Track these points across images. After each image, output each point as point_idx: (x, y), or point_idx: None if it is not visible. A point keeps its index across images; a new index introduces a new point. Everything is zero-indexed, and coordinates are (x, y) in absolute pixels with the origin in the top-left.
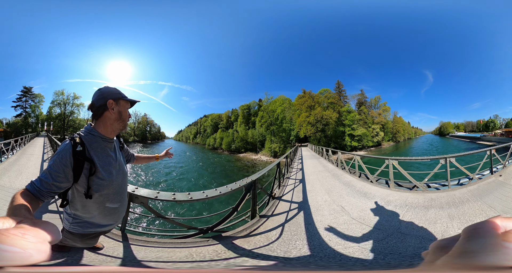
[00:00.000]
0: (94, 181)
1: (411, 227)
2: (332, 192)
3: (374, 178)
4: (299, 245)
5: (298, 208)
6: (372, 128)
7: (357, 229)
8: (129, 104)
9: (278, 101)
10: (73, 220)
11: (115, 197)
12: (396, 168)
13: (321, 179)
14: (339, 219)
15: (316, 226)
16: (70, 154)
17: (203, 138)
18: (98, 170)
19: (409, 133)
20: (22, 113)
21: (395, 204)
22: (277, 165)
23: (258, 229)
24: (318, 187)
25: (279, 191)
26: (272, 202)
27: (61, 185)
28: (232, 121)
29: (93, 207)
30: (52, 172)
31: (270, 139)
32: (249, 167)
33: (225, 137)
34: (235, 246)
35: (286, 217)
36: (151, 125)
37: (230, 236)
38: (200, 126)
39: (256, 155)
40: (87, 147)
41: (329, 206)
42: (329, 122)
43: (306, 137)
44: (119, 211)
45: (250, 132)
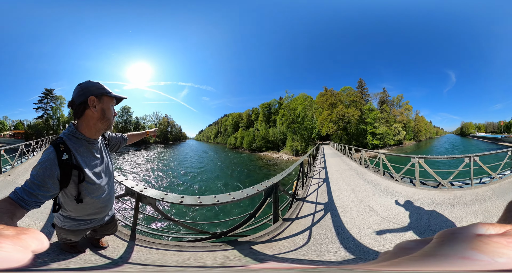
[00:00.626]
0: (83, 186)
1: (440, 224)
2: (357, 192)
3: (399, 176)
4: (333, 249)
5: (324, 209)
6: (394, 126)
7: (390, 228)
8: (114, 101)
9: (299, 99)
10: (65, 218)
11: (104, 196)
12: (422, 166)
13: (345, 178)
14: (369, 220)
15: (347, 228)
16: (55, 164)
17: (224, 138)
18: (87, 176)
19: (431, 132)
20: (43, 115)
21: (422, 202)
22: (300, 164)
23: (282, 233)
24: (343, 186)
25: (303, 191)
26: (296, 203)
27: (47, 194)
28: (253, 120)
29: (84, 208)
30: (36, 182)
31: (291, 137)
32: (270, 166)
33: (246, 136)
34: (254, 251)
35: (313, 220)
36: (172, 125)
37: (248, 241)
38: (220, 126)
39: (278, 154)
40: (73, 154)
41: (356, 206)
42: (351, 120)
43: (328, 135)
44: (107, 207)
45: (271, 130)
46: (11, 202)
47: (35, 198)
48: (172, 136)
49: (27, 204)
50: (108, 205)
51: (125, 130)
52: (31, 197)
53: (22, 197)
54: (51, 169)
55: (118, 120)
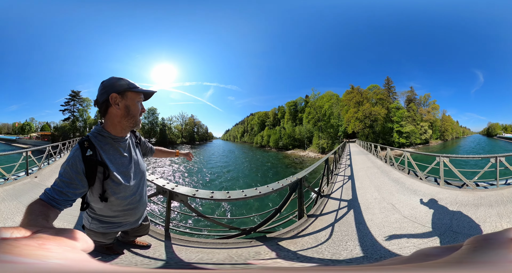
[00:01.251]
0: (109, 184)
1: (463, 226)
2: (381, 189)
3: (423, 175)
4: (350, 246)
5: (348, 206)
6: (421, 125)
7: (410, 227)
8: (141, 96)
9: (325, 96)
10: (93, 220)
11: (133, 198)
12: (447, 165)
13: (370, 176)
14: (390, 218)
15: (367, 226)
16: (80, 160)
17: (250, 137)
18: (113, 174)
19: (457, 132)
20: (70, 117)
21: (446, 202)
22: (325, 161)
23: (306, 229)
24: (367, 184)
25: (328, 188)
26: (321, 200)
27: (77, 191)
28: (279, 118)
29: (111, 208)
30: (64, 180)
31: (317, 135)
32: (297, 164)
33: (272, 135)
34: (281, 247)
35: (336, 216)
36: (198, 126)
37: (276, 237)
38: (247, 125)
39: (304, 152)
40: (98, 150)
41: (379, 204)
42: (378, 118)
43: (354, 133)
44: (137, 209)
45: (297, 128)
46: (43, 204)
47: (65, 196)
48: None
49: (59, 203)
50: (138, 207)
51: (151, 131)
52: (61, 196)
53: (53, 196)
54: (77, 165)
55: (144, 121)
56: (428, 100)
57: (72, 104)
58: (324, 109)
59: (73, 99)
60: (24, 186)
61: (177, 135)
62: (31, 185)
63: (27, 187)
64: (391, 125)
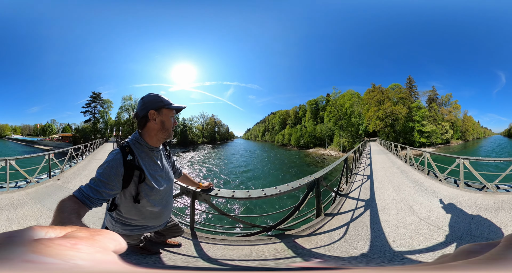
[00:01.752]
0: (142, 187)
1: (482, 229)
2: (400, 190)
3: (443, 176)
4: (360, 246)
5: (365, 206)
6: (442, 125)
7: (425, 230)
8: (173, 111)
9: (346, 95)
10: (116, 223)
11: (160, 202)
12: (467, 167)
13: (389, 176)
14: (406, 219)
15: (382, 226)
16: (121, 164)
17: (271, 135)
18: (147, 178)
19: (478, 132)
20: (91, 119)
21: (465, 205)
22: (344, 161)
23: (322, 228)
24: (386, 184)
25: (347, 187)
26: (339, 199)
27: (111, 192)
28: (300, 117)
29: (139, 211)
30: (102, 180)
31: (338, 134)
32: (318, 162)
33: (294, 133)
34: (296, 245)
35: (352, 216)
36: (219, 125)
37: (293, 235)
38: (268, 124)
39: (325, 150)
40: (136, 156)
41: (396, 204)
42: (399, 117)
43: (375, 132)
44: (163, 214)
45: (318, 127)
46: (76, 201)
47: (100, 195)
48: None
49: (92, 201)
50: (164, 212)
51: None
52: (96, 195)
53: (88, 194)
54: (117, 168)
55: None
56: (449, 100)
57: (93, 106)
58: (345, 108)
59: (94, 101)
60: (47, 189)
61: (198, 135)
62: (54, 188)
63: (50, 190)
64: (412, 124)
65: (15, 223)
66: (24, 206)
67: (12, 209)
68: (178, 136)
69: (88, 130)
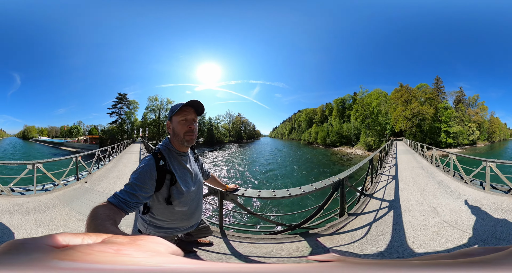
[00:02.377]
0: (174, 190)
1: (507, 232)
2: (424, 191)
3: (468, 178)
4: (378, 246)
5: (389, 207)
6: (468, 126)
7: (448, 232)
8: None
9: (373, 94)
10: (149, 225)
11: (191, 203)
12: (493, 170)
13: (415, 176)
14: (429, 221)
15: (404, 227)
16: (154, 168)
17: (298, 134)
18: (178, 181)
19: (505, 134)
20: (117, 120)
21: (490, 208)
22: (369, 161)
23: (345, 227)
24: (411, 185)
25: (371, 187)
26: (363, 199)
27: (146, 195)
28: (327, 115)
29: (171, 212)
30: (137, 184)
31: (365, 133)
32: (344, 161)
33: (320, 132)
34: (318, 243)
35: (375, 216)
36: (245, 124)
37: (316, 233)
38: (294, 122)
39: (351, 149)
40: (167, 161)
41: (420, 206)
42: (426, 117)
43: (402, 131)
44: (194, 214)
45: (344, 125)
46: (110, 207)
47: (136, 199)
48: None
49: (129, 206)
50: (195, 213)
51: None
52: (133, 198)
53: (125, 199)
54: (151, 172)
55: None
56: (476, 101)
57: (119, 107)
58: (372, 107)
59: (120, 102)
60: (74, 191)
61: (225, 134)
62: (81, 190)
63: (77, 192)
64: (439, 124)
65: (44, 226)
66: (52, 209)
67: (40, 212)
68: (204, 136)
69: (114, 131)
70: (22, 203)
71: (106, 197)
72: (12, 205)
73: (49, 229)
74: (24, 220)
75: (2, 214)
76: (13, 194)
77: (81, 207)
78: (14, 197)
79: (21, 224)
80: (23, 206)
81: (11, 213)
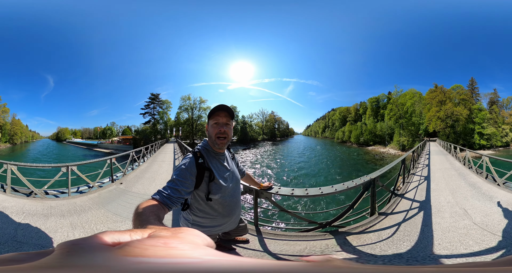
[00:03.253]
0: (213, 186)
1: None
2: (456, 193)
3: (501, 181)
4: (402, 246)
5: (419, 207)
6: (502, 128)
7: (477, 235)
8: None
9: (408, 94)
10: (192, 225)
11: (231, 200)
12: None
13: (447, 178)
14: (459, 223)
15: (432, 229)
16: (194, 165)
17: (331, 132)
18: (216, 178)
19: None
20: (151, 120)
21: None
22: (402, 161)
23: (374, 226)
24: (443, 186)
25: (403, 187)
26: (394, 199)
27: (188, 190)
28: (360, 114)
29: (212, 208)
30: (180, 180)
31: (398, 132)
32: (377, 160)
33: (354, 130)
34: (345, 242)
35: (405, 216)
36: (279, 122)
37: (345, 232)
38: (328, 120)
39: (385, 148)
40: (206, 159)
41: (451, 208)
42: (459, 119)
43: (435, 132)
44: (234, 211)
45: (378, 125)
46: (154, 203)
47: (179, 193)
48: (280, 133)
49: (173, 201)
50: (235, 209)
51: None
52: (176, 193)
53: (169, 194)
54: (191, 168)
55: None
56: (510, 102)
57: (152, 107)
58: (406, 107)
59: (153, 102)
60: (110, 193)
61: (258, 132)
62: (117, 191)
63: (113, 194)
64: (473, 126)
65: (79, 229)
66: (87, 211)
67: (75, 215)
68: (238, 134)
69: (148, 131)
70: (57, 206)
71: (141, 198)
72: (46, 208)
73: (85, 232)
74: (59, 223)
75: (37, 218)
76: (47, 197)
77: (117, 209)
78: (48, 200)
79: (56, 227)
80: (58, 208)
81: (46, 216)
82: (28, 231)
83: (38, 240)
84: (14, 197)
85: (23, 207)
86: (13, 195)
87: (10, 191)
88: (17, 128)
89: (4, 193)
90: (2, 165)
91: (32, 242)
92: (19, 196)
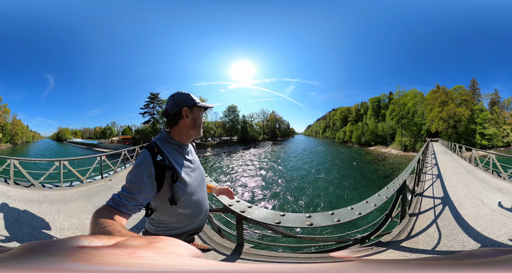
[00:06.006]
0: (177, 187)
1: None
2: (469, 187)
3: (506, 175)
4: (461, 239)
5: (442, 203)
6: (503, 128)
7: (499, 219)
8: (202, 110)
9: (409, 94)
10: (159, 225)
11: (198, 198)
12: None
13: (457, 175)
14: (481, 211)
15: (465, 219)
16: (151, 165)
17: (332, 132)
18: (180, 177)
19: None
20: (150, 120)
21: None
22: (417, 161)
23: (415, 229)
24: (456, 182)
25: (418, 187)
26: (415, 199)
27: (147, 196)
28: (362, 114)
29: (177, 211)
30: (135, 185)
31: (400, 133)
32: (380, 161)
33: (355, 130)
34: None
35: (434, 213)
36: (280, 122)
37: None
38: (329, 120)
39: (386, 148)
40: (166, 156)
41: (469, 200)
42: (461, 119)
43: (437, 132)
44: (201, 210)
45: (380, 125)
46: (111, 210)
47: (136, 201)
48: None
49: (129, 209)
50: (202, 209)
51: (232, 129)
52: (131, 201)
53: (123, 202)
54: (148, 170)
55: (225, 119)
56: (511, 103)
57: (152, 107)
58: (408, 107)
59: (152, 102)
60: (97, 188)
61: (259, 132)
62: (104, 187)
63: (99, 189)
64: (474, 126)
65: (63, 214)
66: (73, 201)
67: (62, 203)
68: (238, 133)
69: (147, 131)
70: (50, 195)
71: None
72: (41, 197)
73: (66, 216)
74: (49, 208)
75: (33, 204)
76: (43, 188)
77: (98, 202)
78: (44, 190)
79: (46, 211)
80: (50, 197)
81: (40, 203)
82: (27, 214)
83: (32, 221)
84: (16, 188)
85: (23, 195)
86: (15, 186)
87: (13, 183)
88: (18, 128)
89: (8, 185)
90: (6, 160)
91: (29, 222)
92: (20, 188)
